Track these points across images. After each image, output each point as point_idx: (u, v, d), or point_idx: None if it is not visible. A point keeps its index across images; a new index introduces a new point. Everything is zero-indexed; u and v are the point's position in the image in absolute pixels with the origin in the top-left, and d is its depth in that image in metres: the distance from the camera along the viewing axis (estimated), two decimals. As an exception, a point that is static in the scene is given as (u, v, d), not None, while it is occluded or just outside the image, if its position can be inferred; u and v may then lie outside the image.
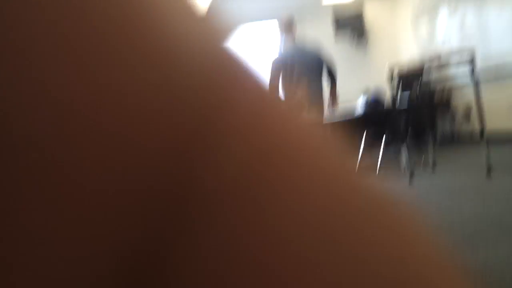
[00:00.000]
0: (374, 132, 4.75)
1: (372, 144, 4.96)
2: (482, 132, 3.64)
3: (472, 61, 3.71)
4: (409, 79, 4.53)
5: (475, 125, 5.47)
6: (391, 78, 3.88)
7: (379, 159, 4.60)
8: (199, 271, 0.09)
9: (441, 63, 4.37)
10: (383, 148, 4.68)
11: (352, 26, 7.28)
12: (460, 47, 5.69)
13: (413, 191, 3.38)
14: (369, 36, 7.50)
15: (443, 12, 6.33)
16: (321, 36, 7.38)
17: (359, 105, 5.17)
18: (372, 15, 7.49)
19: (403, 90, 5.39)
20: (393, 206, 0.13)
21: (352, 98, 5.63)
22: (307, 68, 3.26)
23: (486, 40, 5.63)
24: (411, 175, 3.76)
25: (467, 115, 5.98)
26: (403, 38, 7.36)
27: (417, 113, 4.65)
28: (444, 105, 6.28)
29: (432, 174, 3.95)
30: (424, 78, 5.42)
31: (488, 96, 4.72)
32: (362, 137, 4.87)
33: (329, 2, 7.04)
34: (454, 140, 6.14)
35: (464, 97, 5.99)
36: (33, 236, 0.08)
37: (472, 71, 3.71)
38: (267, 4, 6.68)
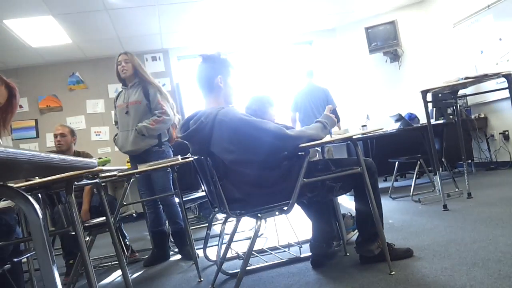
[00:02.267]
0: (409, 153, 4.71)
1: (407, 168, 4.89)
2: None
3: (510, 83, 3.56)
4: (444, 102, 4.33)
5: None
6: (425, 100, 3.65)
7: (413, 183, 4.57)
8: None
9: (478, 83, 4.20)
10: (417, 172, 4.65)
11: (385, 38, 7.11)
12: (498, 68, 5.47)
13: (447, 217, 3.30)
14: (403, 53, 7.33)
15: (480, 30, 6.04)
16: (356, 50, 7.53)
17: (394, 121, 4.96)
18: (407, 33, 7.26)
19: (437, 114, 5.20)
20: None
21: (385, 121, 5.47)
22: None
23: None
24: (446, 200, 3.67)
25: (505, 140, 5.88)
26: (438, 57, 7.11)
27: (452, 136, 4.50)
28: (480, 128, 6.16)
29: (467, 201, 3.85)
30: (460, 100, 5.17)
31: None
32: (396, 159, 4.84)
33: (362, 8, 6.98)
34: (492, 166, 6.02)
35: (502, 120, 5.91)
36: None
37: (511, 92, 3.56)
38: (305, 12, 6.72)
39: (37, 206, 1.07)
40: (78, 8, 5.16)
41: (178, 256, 3.59)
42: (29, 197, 1.06)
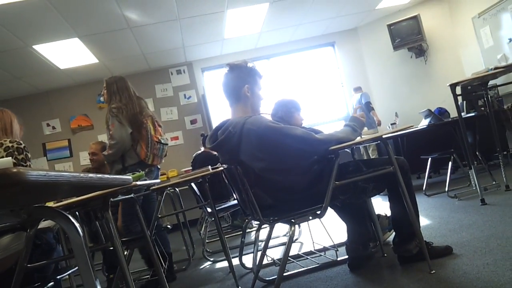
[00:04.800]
0: (441, 149, 4.62)
1: (440, 164, 4.77)
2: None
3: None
4: (474, 94, 4.25)
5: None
6: (454, 93, 3.61)
7: (448, 179, 4.47)
8: None
9: (509, 72, 4.06)
10: (452, 167, 4.56)
11: (409, 33, 7.02)
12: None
13: (486, 211, 3.22)
14: (428, 47, 7.22)
15: (507, 18, 5.89)
16: (379, 48, 7.52)
17: (423, 117, 4.90)
18: (431, 26, 7.16)
19: (468, 107, 5.13)
20: None
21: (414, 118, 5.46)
22: None
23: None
24: (483, 194, 3.58)
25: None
26: (465, 49, 7.00)
27: (485, 128, 4.39)
28: None
29: (505, 193, 3.75)
30: (491, 91, 5.07)
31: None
32: (428, 156, 4.77)
33: (383, 5, 6.90)
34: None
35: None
36: None
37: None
38: (325, 14, 6.76)
39: (77, 225, 1.10)
40: (103, 28, 5.30)
41: (214, 266, 3.62)
42: (70, 217, 1.10)
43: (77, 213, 2.40)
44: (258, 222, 2.54)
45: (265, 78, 2.47)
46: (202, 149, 5.33)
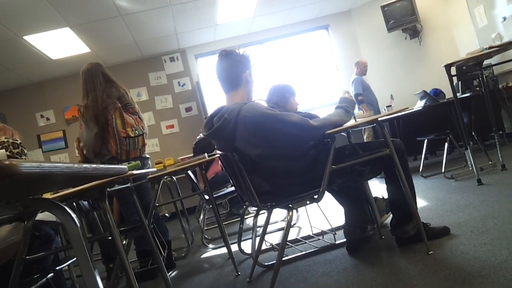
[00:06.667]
0: (437, 130, 4.62)
1: (436, 145, 4.76)
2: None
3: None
4: (469, 74, 4.21)
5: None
6: (449, 74, 3.57)
7: (445, 160, 4.47)
8: None
9: (503, 52, 4.02)
10: (448, 148, 4.55)
11: (402, 14, 6.96)
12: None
13: (482, 191, 3.22)
14: (423, 28, 7.20)
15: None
16: (373, 30, 7.46)
17: (418, 98, 4.86)
18: (425, 7, 7.11)
19: (463, 87, 5.09)
20: None
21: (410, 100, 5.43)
22: None
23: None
24: (479, 174, 3.59)
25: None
26: (460, 29, 6.95)
27: (481, 108, 4.37)
28: (509, 98, 5.93)
29: (501, 173, 3.75)
30: (486, 70, 5.04)
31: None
32: (425, 137, 4.77)
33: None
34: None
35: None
36: None
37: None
38: None
39: (74, 216, 1.09)
40: (94, 17, 5.23)
41: (213, 253, 3.64)
42: (66, 208, 1.09)
43: (74, 203, 2.39)
44: (256, 208, 2.54)
45: (258, 64, 2.46)
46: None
